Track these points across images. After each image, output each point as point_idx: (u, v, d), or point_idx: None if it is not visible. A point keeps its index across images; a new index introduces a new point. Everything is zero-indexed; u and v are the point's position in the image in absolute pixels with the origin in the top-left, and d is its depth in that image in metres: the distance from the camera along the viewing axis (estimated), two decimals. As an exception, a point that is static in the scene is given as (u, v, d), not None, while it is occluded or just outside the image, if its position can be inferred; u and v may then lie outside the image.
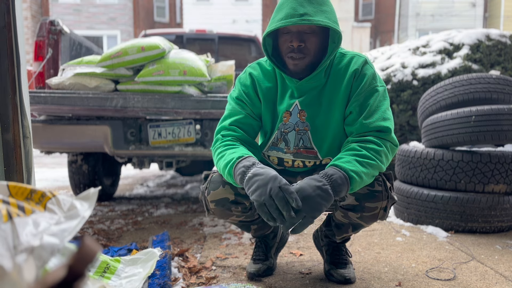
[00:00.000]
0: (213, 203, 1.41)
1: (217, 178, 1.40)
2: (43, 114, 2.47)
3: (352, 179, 1.19)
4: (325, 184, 1.17)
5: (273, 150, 1.47)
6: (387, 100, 1.37)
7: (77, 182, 3.19)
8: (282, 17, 1.26)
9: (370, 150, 1.26)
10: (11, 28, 1.37)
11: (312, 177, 1.20)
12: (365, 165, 1.23)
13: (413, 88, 3.68)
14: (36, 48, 2.69)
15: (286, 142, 1.43)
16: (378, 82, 1.37)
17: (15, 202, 0.74)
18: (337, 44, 1.33)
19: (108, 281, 1.30)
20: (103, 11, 16.46)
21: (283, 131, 1.42)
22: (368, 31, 17.88)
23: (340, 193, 1.19)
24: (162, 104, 2.28)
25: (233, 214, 1.44)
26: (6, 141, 1.39)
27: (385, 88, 1.38)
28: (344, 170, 1.20)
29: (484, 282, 1.54)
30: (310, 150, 1.42)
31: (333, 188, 1.17)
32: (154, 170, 5.85)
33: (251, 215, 1.49)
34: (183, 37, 4.13)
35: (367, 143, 1.29)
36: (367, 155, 1.25)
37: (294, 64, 1.33)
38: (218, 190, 1.39)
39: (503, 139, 2.21)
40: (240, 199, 1.39)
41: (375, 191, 1.34)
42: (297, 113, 1.40)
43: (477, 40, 3.73)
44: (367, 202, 1.35)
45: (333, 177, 1.18)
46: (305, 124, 1.40)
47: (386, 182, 1.36)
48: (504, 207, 2.23)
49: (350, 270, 1.54)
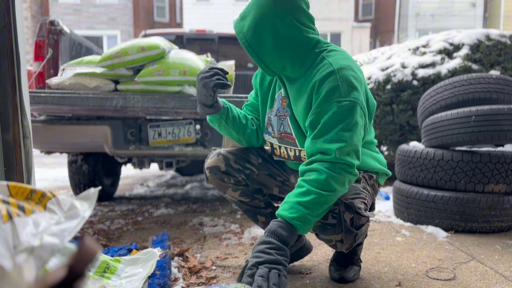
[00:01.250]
0: (208, 170, 1.58)
1: (217, 150, 1.61)
2: (43, 114, 2.47)
3: (297, 226, 1.21)
4: (273, 242, 1.20)
5: (266, 134, 1.57)
6: (350, 118, 1.23)
7: (77, 182, 3.19)
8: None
9: (313, 182, 1.22)
10: (11, 28, 1.37)
11: (260, 242, 1.22)
12: (309, 206, 1.21)
13: (413, 88, 3.69)
14: (36, 48, 2.69)
15: (272, 127, 1.52)
16: (342, 96, 1.24)
17: (15, 202, 0.74)
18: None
19: (108, 281, 1.30)
20: (103, 11, 16.46)
21: (269, 116, 1.53)
22: (368, 31, 17.88)
23: (291, 241, 1.22)
24: (162, 104, 2.28)
25: (227, 185, 1.58)
26: (6, 141, 1.39)
27: (352, 103, 1.24)
28: (286, 220, 1.21)
29: (484, 282, 1.54)
30: (290, 136, 1.46)
31: (282, 241, 1.20)
32: (154, 170, 5.85)
33: (247, 192, 1.60)
34: (183, 37, 4.13)
35: (311, 173, 1.25)
36: (309, 191, 1.21)
37: None
38: (213, 159, 1.58)
39: (503, 139, 2.21)
40: (231, 171, 1.55)
41: (327, 224, 1.31)
42: (280, 99, 1.47)
43: (477, 40, 3.74)
44: (321, 234, 1.35)
45: (277, 231, 1.21)
46: (285, 110, 1.46)
47: (341, 215, 1.28)
48: (504, 207, 2.23)
49: (351, 271, 1.53)
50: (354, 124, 1.25)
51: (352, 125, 1.24)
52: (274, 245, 1.19)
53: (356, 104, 1.25)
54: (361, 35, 17.71)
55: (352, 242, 1.35)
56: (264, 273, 1.13)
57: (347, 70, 1.28)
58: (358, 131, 1.26)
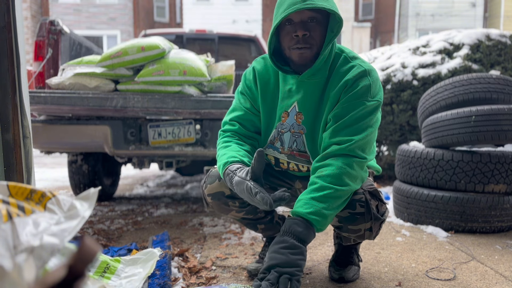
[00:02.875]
0: (210, 196, 1.45)
1: (214, 173, 1.45)
2: (43, 114, 2.47)
3: (313, 221, 1.18)
4: (288, 240, 1.17)
5: (270, 149, 1.46)
6: (372, 116, 1.29)
7: (77, 182, 3.19)
8: (285, 7, 1.24)
9: (326, 177, 1.22)
10: (11, 28, 1.37)
11: (275, 241, 1.20)
12: (324, 200, 1.20)
13: (413, 88, 3.68)
14: (36, 48, 2.69)
15: (281, 142, 1.43)
16: (371, 95, 1.29)
17: (15, 202, 0.74)
18: (335, 33, 1.30)
19: (108, 281, 1.30)
20: (103, 11, 16.46)
21: (280, 131, 1.42)
22: (368, 31, 17.89)
23: (308, 238, 1.19)
24: (162, 104, 2.28)
25: (231, 209, 1.46)
26: (6, 141, 1.39)
27: (378, 103, 1.30)
28: (301, 215, 1.19)
29: (484, 282, 1.54)
30: (303, 154, 1.40)
31: (297, 238, 1.17)
32: (154, 170, 5.85)
33: (252, 211, 1.49)
34: (183, 37, 4.13)
35: (323, 169, 1.25)
36: (323, 187, 1.21)
37: (300, 53, 1.28)
38: (214, 184, 1.43)
39: (503, 139, 2.21)
40: (236, 195, 1.40)
41: (356, 213, 1.30)
42: (295, 114, 1.38)
43: (477, 40, 3.74)
44: (350, 225, 1.34)
45: (292, 228, 1.18)
46: (300, 127, 1.38)
47: (369, 202, 1.30)
48: (504, 207, 2.23)
49: (350, 271, 1.53)
50: (375, 121, 1.32)
51: (373, 122, 1.31)
52: (288, 243, 1.16)
53: (380, 105, 1.33)
54: (361, 35, 17.71)
55: (378, 229, 1.37)
56: (274, 278, 1.12)
57: (375, 72, 1.34)
58: (376, 128, 1.34)
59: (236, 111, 1.47)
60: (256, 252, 1.87)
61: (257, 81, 1.45)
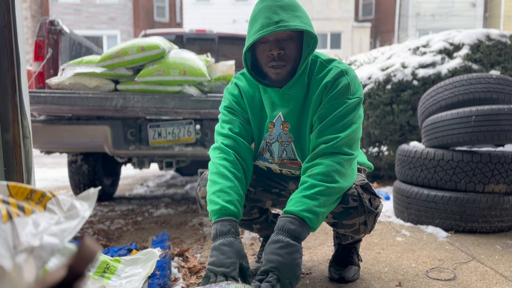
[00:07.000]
0: (204, 199, 1.43)
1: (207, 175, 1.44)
2: (43, 114, 2.47)
3: (305, 218, 1.18)
4: (283, 239, 1.17)
5: (259, 160, 1.48)
6: (355, 113, 1.32)
7: (77, 182, 3.19)
8: (258, 28, 1.25)
9: (316, 175, 1.24)
10: (11, 28, 1.37)
11: (270, 241, 1.20)
12: (315, 197, 1.20)
13: (413, 88, 3.68)
14: (36, 48, 2.69)
15: (270, 153, 1.44)
16: (351, 93, 1.32)
17: (15, 202, 0.74)
18: (312, 48, 1.32)
19: (108, 281, 1.30)
20: (103, 11, 16.47)
21: (268, 142, 1.44)
22: (368, 31, 17.89)
23: (302, 235, 1.19)
24: (162, 104, 2.28)
25: None
26: (6, 141, 1.39)
27: (359, 100, 1.34)
28: (294, 213, 1.19)
29: (484, 282, 1.54)
30: (294, 161, 1.42)
31: (291, 236, 1.17)
32: (154, 170, 5.85)
33: (246, 212, 1.51)
34: (183, 37, 4.12)
35: (313, 168, 1.26)
36: (314, 184, 1.22)
37: (276, 73, 1.31)
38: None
39: (503, 139, 2.21)
40: None
41: (349, 208, 1.31)
42: (280, 124, 1.40)
43: (477, 40, 3.74)
44: (344, 220, 1.34)
45: (285, 226, 1.18)
46: (288, 136, 1.40)
47: (361, 196, 1.32)
48: (504, 207, 2.23)
49: (350, 271, 1.53)
50: (358, 118, 1.34)
51: (356, 118, 1.33)
52: (283, 243, 1.17)
53: (361, 101, 1.36)
54: (361, 35, 17.72)
55: (373, 223, 1.37)
56: (274, 281, 1.13)
57: (352, 71, 1.38)
58: (360, 124, 1.36)
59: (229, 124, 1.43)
60: (256, 252, 1.87)
61: (242, 96, 1.45)
